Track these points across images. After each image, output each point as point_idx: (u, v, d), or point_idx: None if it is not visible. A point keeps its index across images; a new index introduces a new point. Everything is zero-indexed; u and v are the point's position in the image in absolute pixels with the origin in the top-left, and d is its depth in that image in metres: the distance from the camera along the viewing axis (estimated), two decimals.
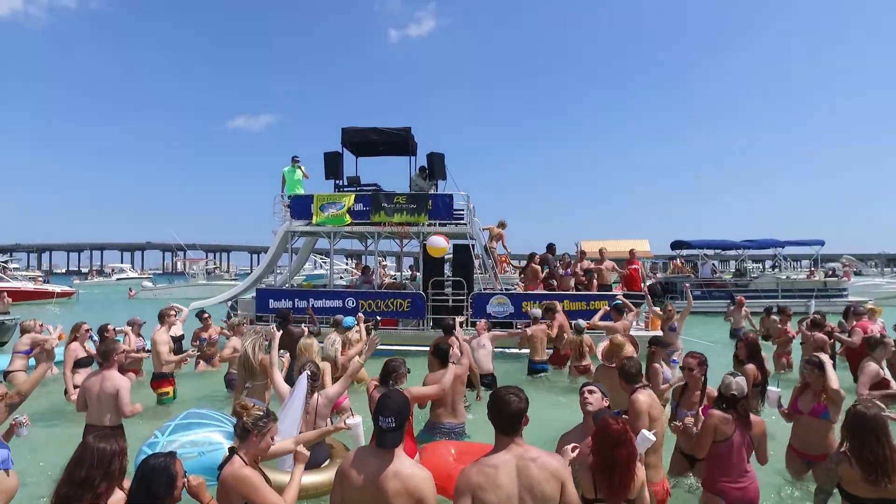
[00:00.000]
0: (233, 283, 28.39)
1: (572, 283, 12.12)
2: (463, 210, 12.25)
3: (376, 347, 4.81)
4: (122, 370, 8.11)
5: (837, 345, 8.90)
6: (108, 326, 8.29)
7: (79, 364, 7.42)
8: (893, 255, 67.75)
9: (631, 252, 13.25)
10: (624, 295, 12.81)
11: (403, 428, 2.75)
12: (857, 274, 30.72)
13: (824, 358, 4.55)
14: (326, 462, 4.49)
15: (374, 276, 13.29)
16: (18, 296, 27.54)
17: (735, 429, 3.58)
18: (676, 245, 23.06)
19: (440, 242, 11.02)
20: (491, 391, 2.84)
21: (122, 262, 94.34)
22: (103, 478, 2.48)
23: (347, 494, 2.62)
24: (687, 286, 9.56)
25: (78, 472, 2.47)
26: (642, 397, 3.87)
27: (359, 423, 3.17)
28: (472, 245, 12.49)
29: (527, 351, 8.99)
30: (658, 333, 10.77)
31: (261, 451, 2.85)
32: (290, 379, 9.59)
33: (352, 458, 2.70)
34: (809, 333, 8.41)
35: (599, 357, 5.89)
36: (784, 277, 21.69)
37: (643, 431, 3.27)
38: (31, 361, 8.79)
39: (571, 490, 2.61)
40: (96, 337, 8.19)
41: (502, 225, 13.57)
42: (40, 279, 33.10)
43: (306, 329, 7.71)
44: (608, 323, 8.22)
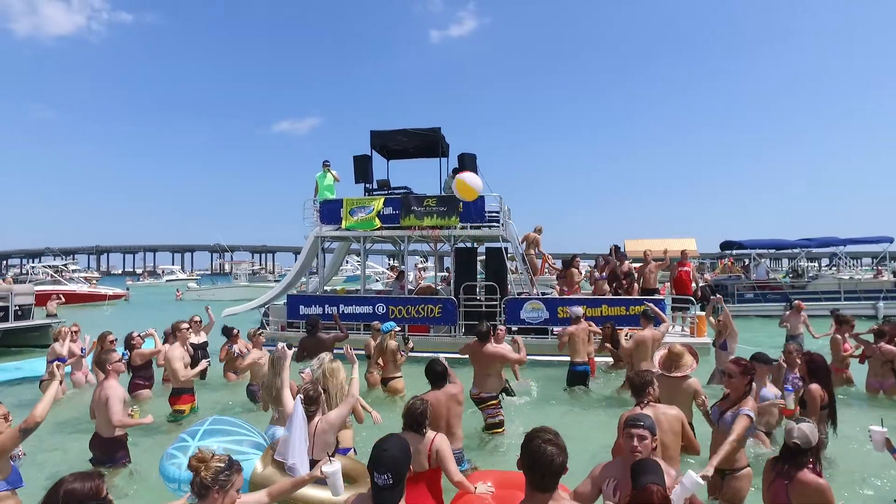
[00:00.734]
0: (275, 284, 28.79)
1: (606, 286, 11.49)
2: (496, 212, 11.80)
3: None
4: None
5: None
6: (134, 334, 8.28)
7: None
8: None
9: (682, 253, 12.49)
10: (672, 300, 12.14)
11: (403, 483, 2.43)
12: None
13: None
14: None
15: (406, 281, 13.01)
16: (73, 298, 28.84)
17: (774, 479, 3.06)
18: (726, 246, 21.80)
19: (474, 181, 10.53)
20: (527, 434, 2.44)
21: (172, 264, 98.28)
22: None
23: None
24: (716, 298, 8.64)
25: None
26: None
27: (336, 470, 2.79)
28: (506, 248, 12.03)
29: (562, 357, 8.53)
30: (705, 340, 10.10)
31: None
32: None
33: None
34: (875, 345, 7.58)
35: (657, 365, 5.62)
36: (847, 278, 20.11)
37: (690, 473, 2.81)
38: (67, 369, 8.94)
39: None
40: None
41: (538, 231, 13.01)
42: (94, 281, 34.48)
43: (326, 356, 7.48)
44: (634, 336, 7.31)
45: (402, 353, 8.23)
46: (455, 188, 10.70)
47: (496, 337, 7.61)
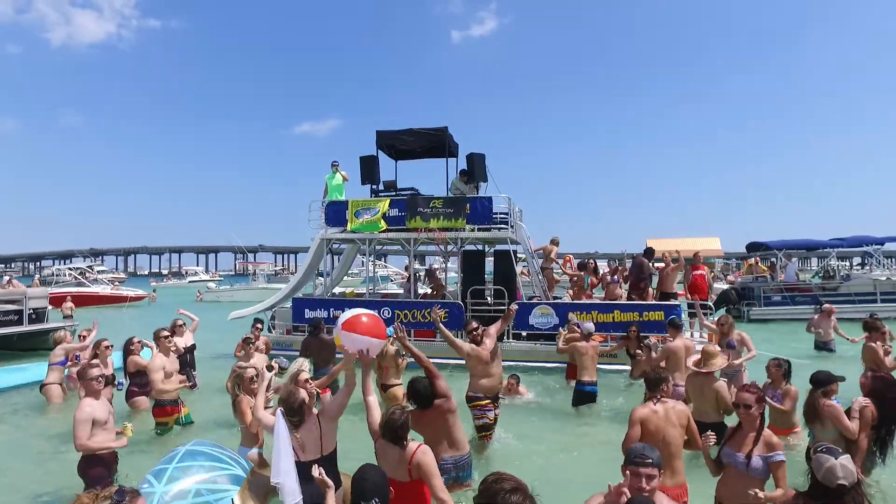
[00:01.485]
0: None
1: (620, 291, 10.96)
2: (504, 213, 11.38)
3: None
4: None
5: None
6: (134, 339, 8.09)
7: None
8: None
9: (695, 255, 11.79)
10: (687, 304, 11.54)
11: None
12: None
13: None
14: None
15: (412, 283, 12.69)
16: (96, 300, 29.22)
17: None
18: (753, 247, 20.91)
19: None
20: (483, 481, 2.21)
21: (197, 265, 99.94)
22: None
23: None
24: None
25: None
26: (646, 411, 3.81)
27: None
28: (515, 251, 11.62)
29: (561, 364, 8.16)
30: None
31: None
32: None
33: None
34: None
35: (691, 366, 5.69)
36: (884, 278, 19.03)
37: None
38: (66, 371, 8.84)
39: None
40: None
41: (555, 243, 12.35)
42: (118, 283, 35.01)
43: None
44: (664, 347, 6.94)
45: (402, 357, 7.88)
46: None
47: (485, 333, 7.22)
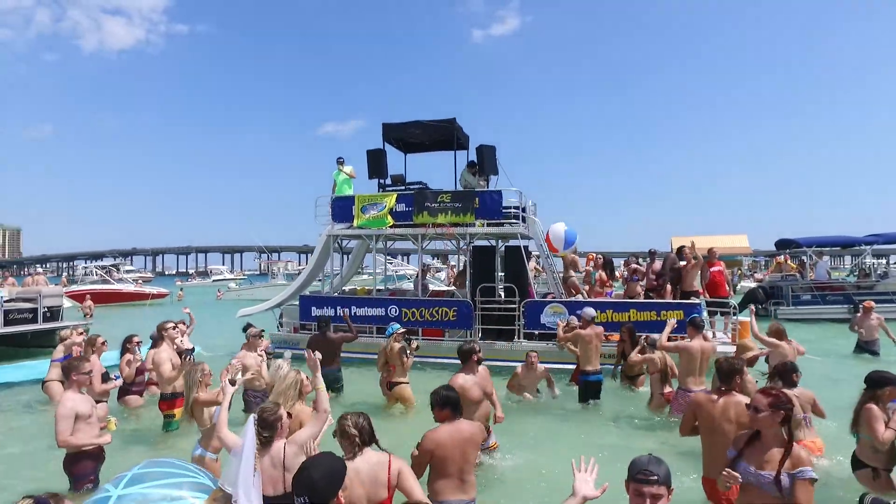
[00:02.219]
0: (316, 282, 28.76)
1: (637, 288, 10.44)
2: (515, 208, 10.94)
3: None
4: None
5: None
6: (134, 338, 7.92)
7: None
8: None
9: (710, 251, 11.19)
10: (707, 303, 10.96)
11: None
12: None
13: None
14: None
15: (420, 280, 12.35)
16: (119, 297, 29.91)
17: None
18: (782, 245, 20.00)
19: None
20: None
21: (222, 265, 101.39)
22: None
23: None
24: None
25: None
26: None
27: None
28: (526, 246, 11.18)
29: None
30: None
31: None
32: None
33: None
34: None
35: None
36: None
37: None
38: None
39: None
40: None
41: (575, 252, 11.82)
42: (140, 281, 35.58)
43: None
44: (679, 343, 6.50)
45: (406, 355, 7.56)
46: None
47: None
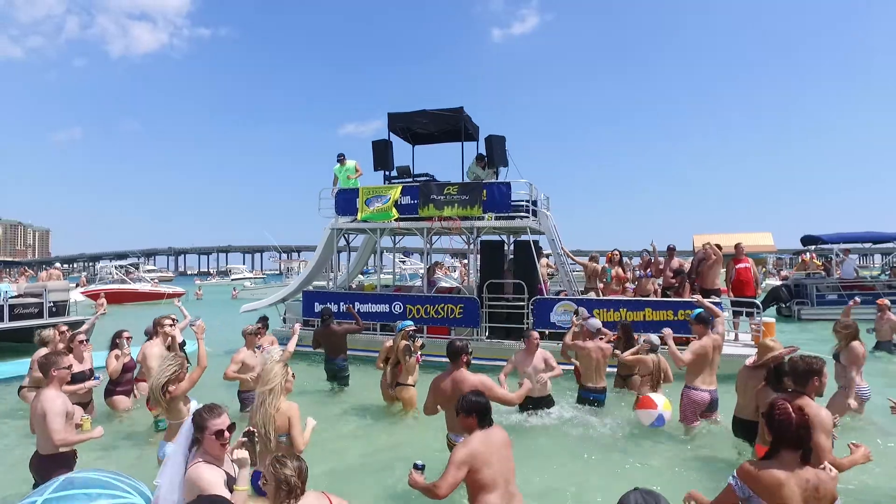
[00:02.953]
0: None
1: (651, 286, 9.88)
2: (525, 201, 10.47)
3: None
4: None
5: None
6: (124, 333, 7.63)
7: (73, 379, 6.71)
8: None
9: (737, 247, 10.59)
10: (731, 303, 10.34)
11: None
12: None
13: None
14: None
15: (426, 277, 11.94)
16: (134, 297, 30.08)
17: None
18: (808, 241, 19.12)
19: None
20: None
21: (243, 264, 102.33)
22: None
23: None
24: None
25: None
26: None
27: None
28: (536, 241, 10.69)
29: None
30: None
31: None
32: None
33: None
34: None
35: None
36: None
37: None
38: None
39: None
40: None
41: (595, 259, 10.94)
42: (157, 281, 35.81)
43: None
44: (695, 349, 5.71)
45: (409, 354, 7.00)
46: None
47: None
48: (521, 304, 9.91)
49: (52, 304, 13.64)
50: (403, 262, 35.53)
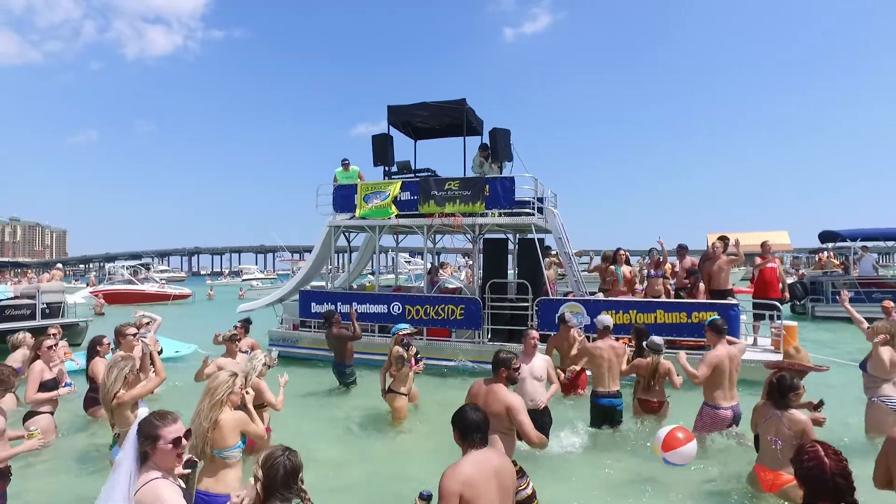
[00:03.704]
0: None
1: (661, 286, 9.30)
2: (529, 198, 9.95)
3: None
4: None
5: None
6: (104, 340, 7.21)
7: (45, 387, 6.28)
8: None
9: (763, 245, 9.98)
10: (753, 305, 9.73)
11: None
12: None
13: None
14: None
15: (428, 277, 11.46)
16: (140, 298, 29.94)
17: None
18: (826, 237, 18.31)
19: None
20: None
21: (255, 264, 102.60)
22: None
23: None
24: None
25: None
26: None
27: None
28: (542, 240, 10.17)
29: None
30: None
31: None
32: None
33: None
34: None
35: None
36: None
37: None
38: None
39: None
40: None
41: (607, 258, 10.04)
42: (164, 282, 35.67)
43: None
44: (710, 360, 5.15)
45: (402, 362, 6.45)
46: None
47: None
48: (526, 304, 9.40)
49: (45, 305, 13.37)
50: (409, 263, 35.11)
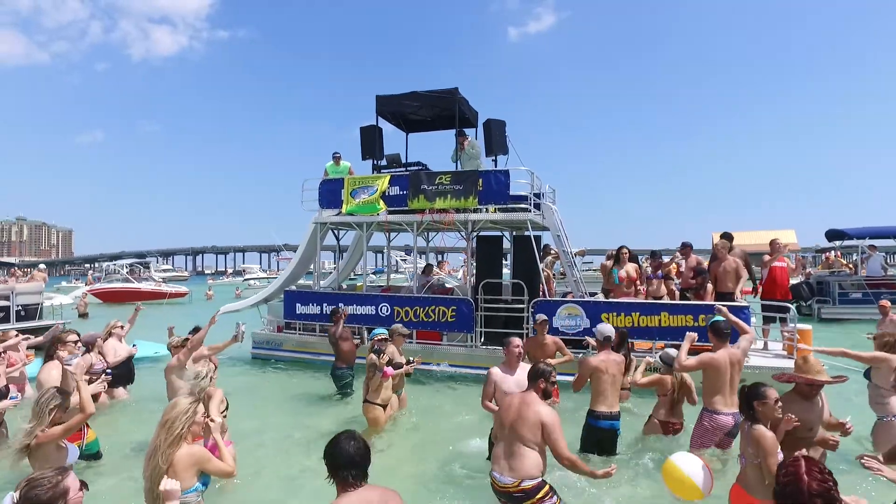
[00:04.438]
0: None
1: (664, 289, 8.70)
2: (526, 193, 9.35)
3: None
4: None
5: None
6: (67, 338, 6.67)
7: None
8: None
9: (772, 244, 9.33)
10: (762, 307, 9.09)
11: None
12: None
13: None
14: None
15: (419, 275, 10.89)
16: (136, 296, 29.55)
17: None
18: (833, 235, 17.62)
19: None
20: None
21: (259, 264, 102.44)
22: None
23: None
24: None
25: None
26: None
27: None
28: (538, 237, 9.58)
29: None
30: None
31: None
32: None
33: None
34: None
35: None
36: None
37: None
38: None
39: None
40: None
41: (610, 258, 9.36)
42: (161, 281, 35.30)
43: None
44: (702, 358, 4.68)
45: (370, 369, 5.90)
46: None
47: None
48: (521, 306, 8.82)
49: (20, 307, 12.88)
50: (405, 261, 34.49)
